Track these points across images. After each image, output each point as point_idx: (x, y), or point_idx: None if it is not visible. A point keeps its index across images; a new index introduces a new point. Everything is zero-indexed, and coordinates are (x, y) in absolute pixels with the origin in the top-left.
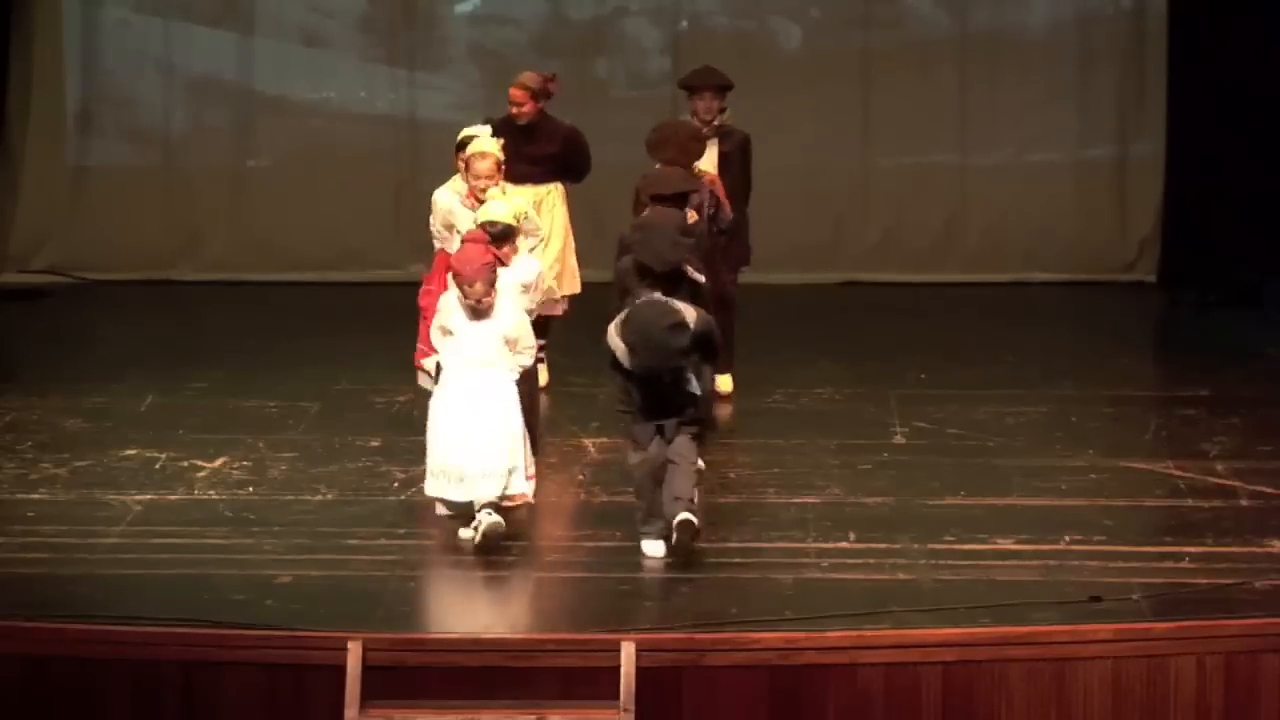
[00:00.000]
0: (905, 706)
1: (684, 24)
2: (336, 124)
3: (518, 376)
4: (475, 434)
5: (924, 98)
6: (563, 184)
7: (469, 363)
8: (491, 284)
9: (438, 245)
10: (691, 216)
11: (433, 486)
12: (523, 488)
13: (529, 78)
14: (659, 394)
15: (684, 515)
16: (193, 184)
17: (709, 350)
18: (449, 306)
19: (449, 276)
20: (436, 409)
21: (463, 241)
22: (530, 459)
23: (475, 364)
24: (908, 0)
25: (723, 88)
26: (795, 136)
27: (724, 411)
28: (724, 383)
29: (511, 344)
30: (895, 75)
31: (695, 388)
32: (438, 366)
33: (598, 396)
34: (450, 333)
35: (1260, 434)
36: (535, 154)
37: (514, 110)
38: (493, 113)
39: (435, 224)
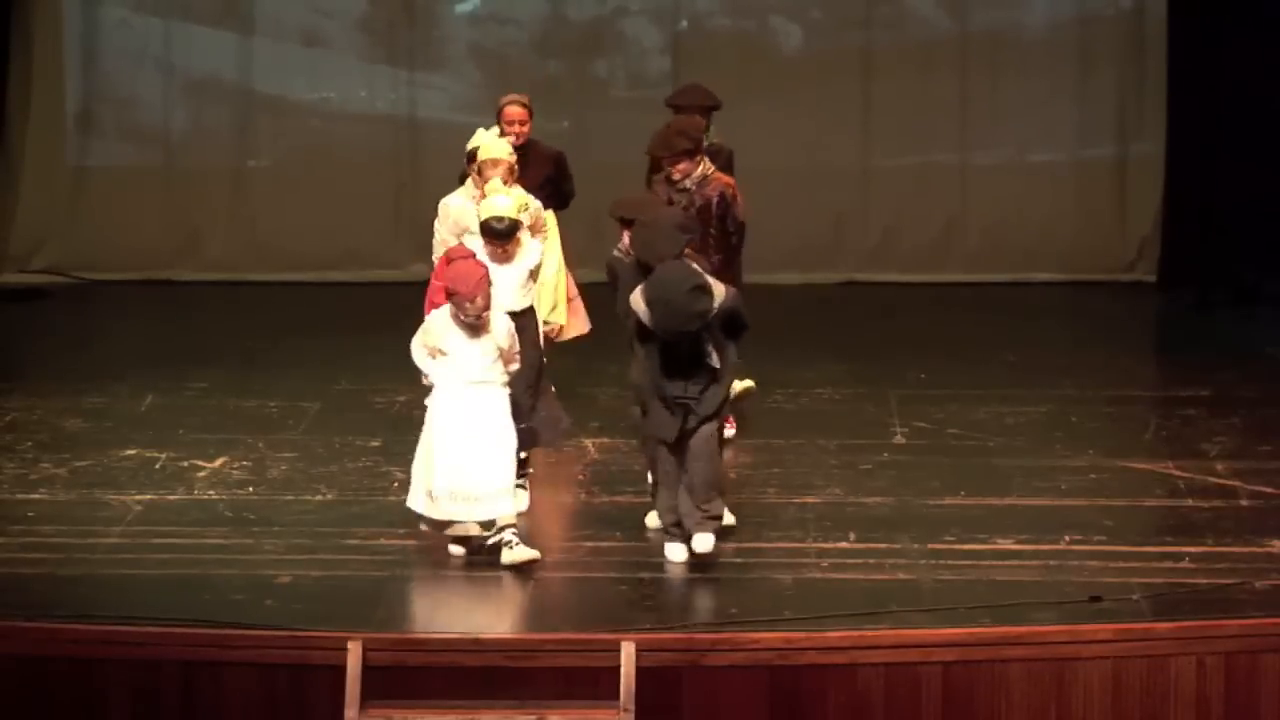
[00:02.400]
0: (905, 706)
1: (684, 24)
2: (336, 124)
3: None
4: (479, 456)
5: (924, 98)
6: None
7: (466, 383)
8: (489, 298)
9: (438, 253)
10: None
11: (423, 505)
12: (509, 509)
13: (522, 98)
14: (678, 361)
15: (701, 541)
16: (193, 184)
17: (735, 328)
18: (442, 327)
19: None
20: (438, 433)
21: (451, 260)
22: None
23: (471, 384)
24: (908, 0)
25: (710, 108)
26: (796, 137)
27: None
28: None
29: (504, 354)
30: (896, 75)
31: (714, 361)
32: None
33: (598, 397)
34: (444, 353)
35: (1260, 434)
36: (530, 179)
37: (515, 130)
38: (491, 114)
39: (443, 231)
